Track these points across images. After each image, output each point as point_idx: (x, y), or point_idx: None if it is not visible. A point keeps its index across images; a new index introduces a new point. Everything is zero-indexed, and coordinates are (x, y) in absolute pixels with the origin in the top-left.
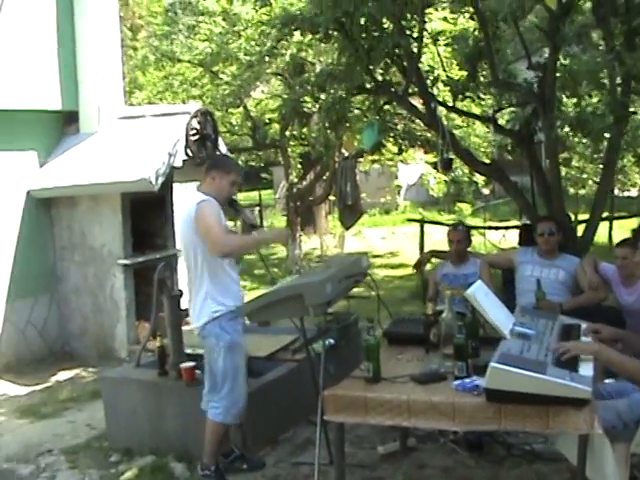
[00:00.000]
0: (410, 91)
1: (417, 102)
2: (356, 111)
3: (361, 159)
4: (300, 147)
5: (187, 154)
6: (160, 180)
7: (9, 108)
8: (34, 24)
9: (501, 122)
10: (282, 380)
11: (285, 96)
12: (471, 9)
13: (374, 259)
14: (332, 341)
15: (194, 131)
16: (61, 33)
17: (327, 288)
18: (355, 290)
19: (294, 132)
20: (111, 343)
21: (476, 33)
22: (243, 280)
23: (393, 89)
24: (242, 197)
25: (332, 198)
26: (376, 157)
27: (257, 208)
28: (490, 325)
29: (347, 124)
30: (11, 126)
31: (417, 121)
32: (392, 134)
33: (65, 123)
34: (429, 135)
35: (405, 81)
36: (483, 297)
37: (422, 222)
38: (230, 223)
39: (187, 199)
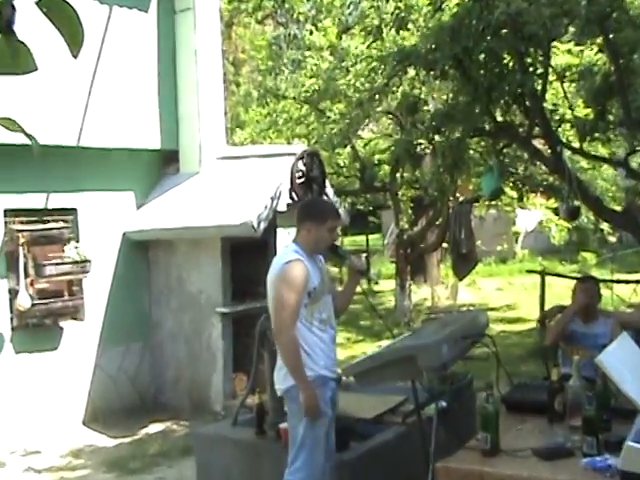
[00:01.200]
0: (533, 133)
1: (539, 144)
2: (473, 153)
3: (476, 203)
4: (411, 190)
5: (292, 197)
6: (263, 225)
7: (106, 146)
8: (135, 60)
9: (634, 165)
10: (389, 445)
11: (396, 136)
12: (599, 40)
13: (489, 312)
14: (444, 404)
15: (300, 173)
16: (162, 68)
17: (443, 350)
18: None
19: (405, 174)
20: (206, 395)
21: (606, 66)
22: (347, 332)
23: (514, 131)
24: (348, 241)
25: (445, 246)
26: (493, 202)
27: (364, 254)
28: (624, 396)
29: (463, 167)
30: (108, 165)
31: (539, 164)
32: (512, 179)
33: (164, 163)
34: (551, 179)
35: (528, 122)
36: (616, 364)
37: (543, 274)
38: (334, 269)
39: (281, 251)
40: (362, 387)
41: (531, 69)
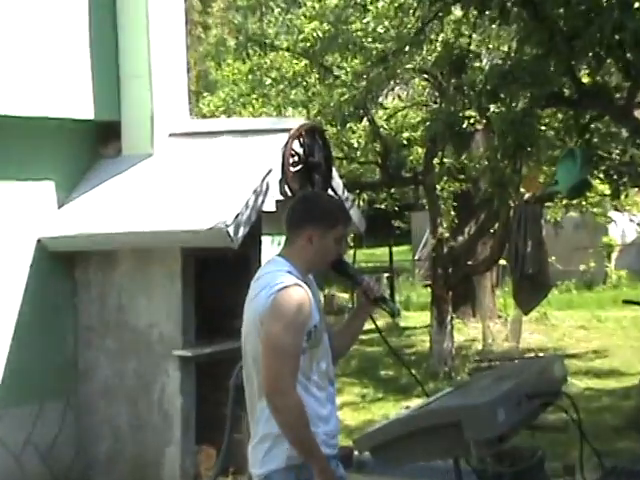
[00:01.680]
0: (635, 100)
1: None
2: (546, 131)
3: (549, 203)
4: (455, 183)
5: (284, 193)
6: (242, 231)
7: (9, 114)
8: None
9: None
10: None
11: (435, 106)
12: None
13: (568, 360)
14: None
15: (296, 158)
16: (95, 5)
17: (499, 414)
18: (543, 415)
19: (446, 160)
20: (156, 477)
21: None
22: (361, 386)
23: (607, 97)
24: (362, 256)
25: (503, 263)
26: (574, 201)
27: (385, 274)
28: None
29: (532, 151)
30: (15, 144)
31: None
32: (603, 167)
33: (100, 140)
34: None
35: (629, 84)
36: None
37: None
38: (343, 295)
39: (264, 269)
40: (383, 466)
41: (637, 4)
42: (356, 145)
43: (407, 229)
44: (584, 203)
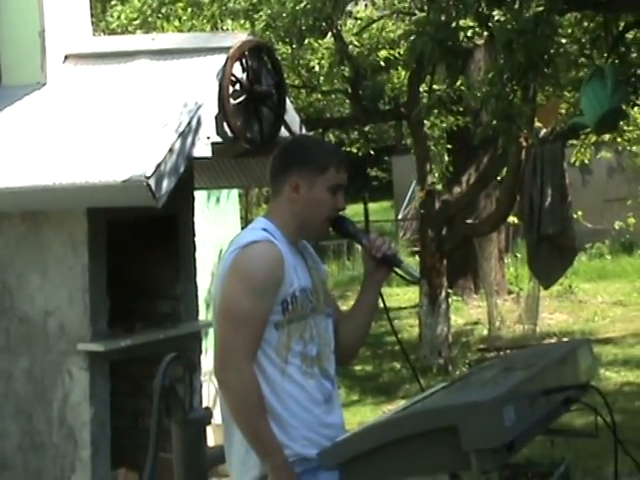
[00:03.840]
0: None
1: None
2: (568, 44)
3: (574, 141)
4: (449, 118)
5: (222, 132)
6: (167, 184)
7: None
8: None
9: None
10: None
11: (421, 15)
12: None
13: (601, 347)
14: None
15: (237, 86)
16: None
17: (506, 415)
18: (567, 416)
19: (437, 87)
20: None
21: None
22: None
23: None
24: None
25: (514, 221)
26: (605, 136)
27: None
28: None
29: (549, 71)
30: None
31: None
32: None
33: None
34: None
35: None
36: None
37: None
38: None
39: (242, 232)
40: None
41: None
42: (317, 69)
43: (387, 180)
44: (619, 140)
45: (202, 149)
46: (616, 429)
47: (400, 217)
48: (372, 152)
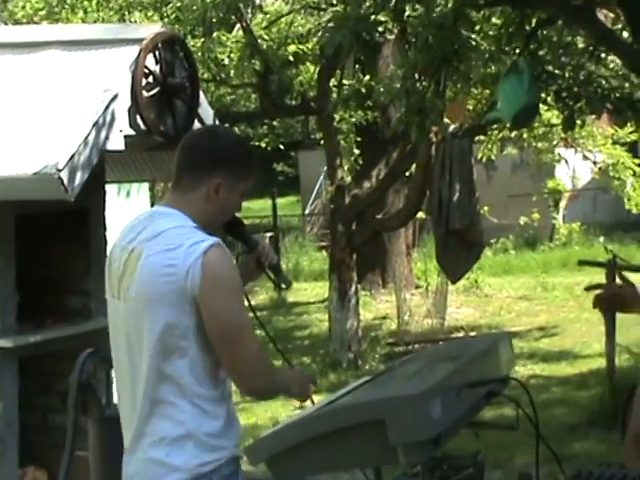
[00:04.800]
0: None
1: (606, 17)
2: (481, 39)
3: (482, 137)
4: (359, 113)
5: (135, 125)
6: (80, 177)
7: None
8: None
9: None
10: None
11: (332, 9)
12: None
13: None
14: None
15: (150, 78)
16: None
17: (434, 409)
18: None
19: (346, 82)
20: None
21: None
22: None
23: None
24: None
25: (422, 217)
26: (512, 134)
27: (268, 234)
28: None
29: (462, 64)
30: None
31: (610, 59)
32: (553, 88)
33: None
34: (629, 87)
35: None
36: None
37: (612, 267)
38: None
39: (161, 224)
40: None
41: None
42: (227, 62)
43: (294, 175)
44: (525, 136)
45: (115, 142)
46: (537, 420)
47: (307, 212)
48: (280, 146)
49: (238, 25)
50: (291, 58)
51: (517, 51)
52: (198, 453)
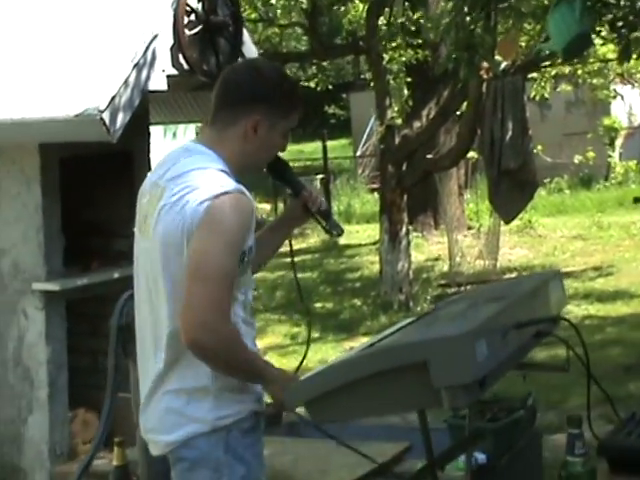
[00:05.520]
0: None
1: None
2: None
3: (534, 74)
4: (409, 51)
5: (178, 65)
6: (122, 118)
7: None
8: None
9: None
10: None
11: None
12: None
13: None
14: (483, 457)
15: (192, 17)
16: None
17: (479, 350)
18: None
19: (395, 19)
20: (14, 456)
21: None
22: (293, 323)
23: None
24: (287, 154)
25: (474, 156)
26: (566, 67)
27: (319, 177)
28: None
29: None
30: None
31: None
32: (608, 17)
33: None
34: None
35: None
36: None
37: None
38: (265, 206)
39: (186, 164)
40: (322, 428)
41: None
42: (274, 1)
43: (345, 117)
44: (579, 73)
45: (157, 82)
46: (589, 361)
47: (359, 154)
48: (330, 88)
49: None
50: None
51: None
52: (218, 405)
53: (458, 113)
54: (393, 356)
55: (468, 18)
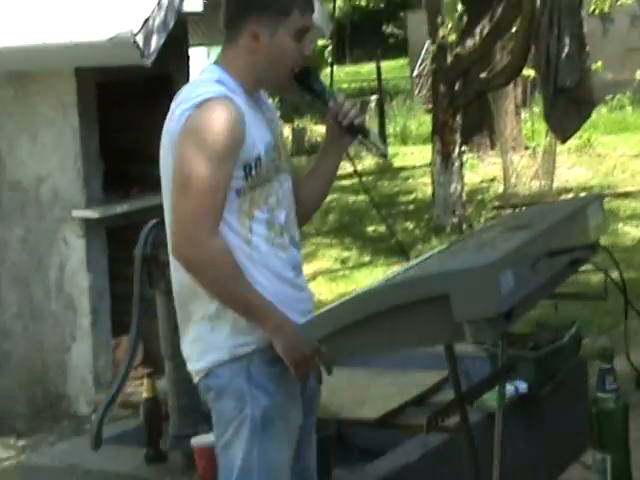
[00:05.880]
0: None
1: None
2: None
3: None
4: None
5: None
6: (156, 41)
7: None
8: None
9: None
10: (411, 472)
11: None
12: None
13: (620, 201)
14: (524, 386)
15: None
16: None
17: (503, 281)
18: (574, 277)
19: None
20: (59, 383)
21: None
22: (341, 246)
23: None
24: (343, 75)
25: (529, 74)
26: None
27: (373, 98)
28: None
29: None
30: None
31: None
32: None
33: None
34: None
35: None
36: None
37: None
38: (320, 129)
39: (190, 84)
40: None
41: None
42: None
43: (403, 36)
44: None
45: (193, 4)
46: (626, 289)
47: (415, 74)
48: (382, 6)
49: None
50: None
51: None
52: (235, 332)
53: (514, 29)
54: (413, 288)
55: None
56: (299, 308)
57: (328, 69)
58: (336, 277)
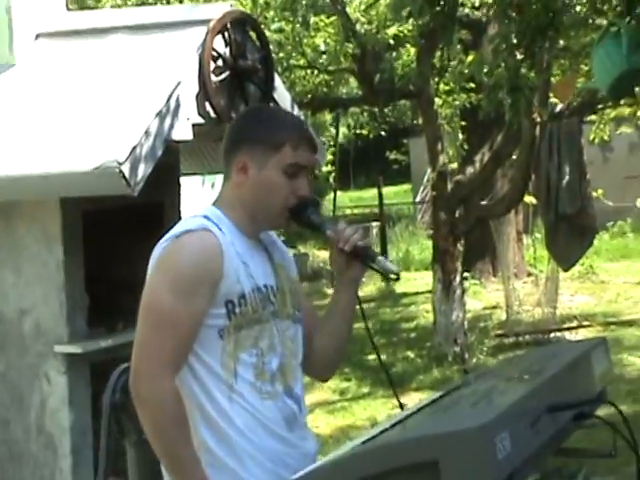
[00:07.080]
0: None
1: None
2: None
3: (593, 117)
4: (462, 95)
5: (204, 113)
6: (143, 170)
7: None
8: None
9: None
10: None
11: None
12: None
13: (624, 330)
14: None
15: (219, 62)
16: None
17: (500, 445)
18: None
19: (448, 62)
20: None
21: None
22: (343, 377)
23: None
24: (348, 199)
25: (530, 201)
26: (626, 107)
27: (375, 224)
28: None
29: (555, 35)
30: None
31: None
32: None
33: None
34: None
35: None
36: None
37: None
38: (323, 254)
39: (180, 223)
40: None
41: None
42: (323, 47)
43: (407, 162)
44: (639, 113)
45: (182, 131)
46: (638, 448)
47: (417, 200)
48: (383, 134)
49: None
50: (391, 41)
51: (616, 9)
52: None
53: (514, 157)
54: (401, 453)
55: (513, 57)
56: (289, 463)
57: (332, 194)
58: (334, 409)
